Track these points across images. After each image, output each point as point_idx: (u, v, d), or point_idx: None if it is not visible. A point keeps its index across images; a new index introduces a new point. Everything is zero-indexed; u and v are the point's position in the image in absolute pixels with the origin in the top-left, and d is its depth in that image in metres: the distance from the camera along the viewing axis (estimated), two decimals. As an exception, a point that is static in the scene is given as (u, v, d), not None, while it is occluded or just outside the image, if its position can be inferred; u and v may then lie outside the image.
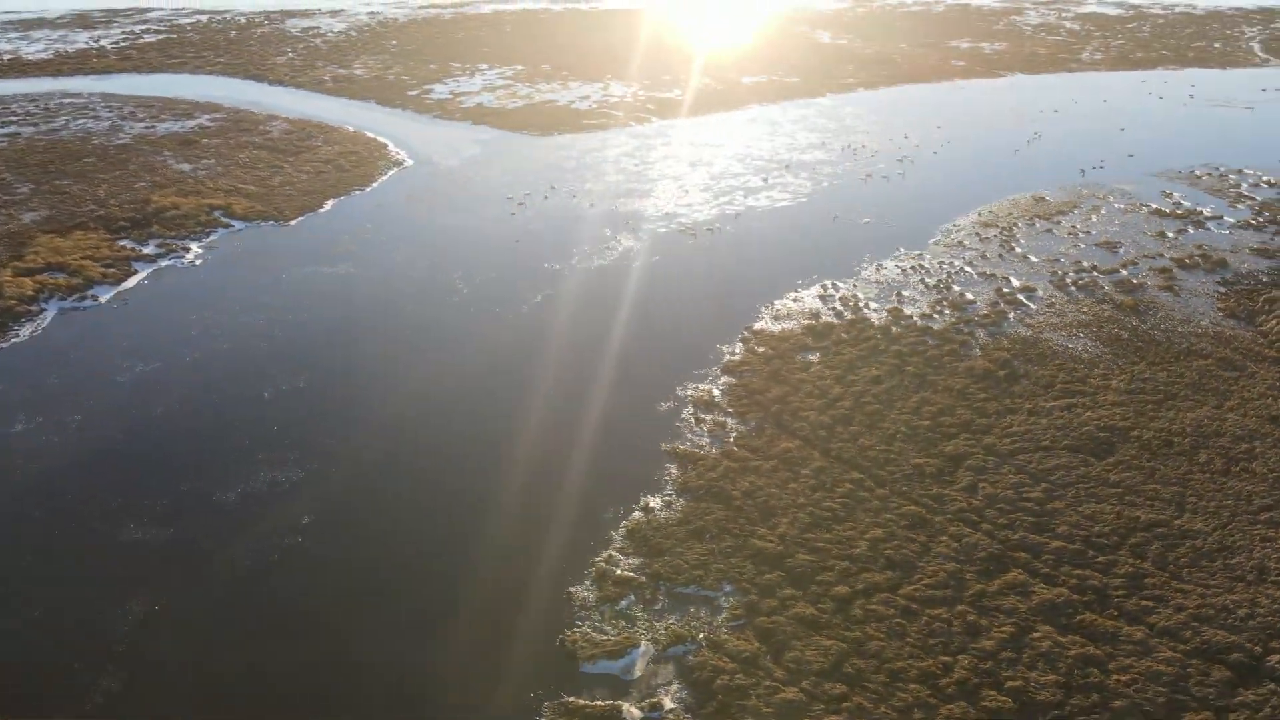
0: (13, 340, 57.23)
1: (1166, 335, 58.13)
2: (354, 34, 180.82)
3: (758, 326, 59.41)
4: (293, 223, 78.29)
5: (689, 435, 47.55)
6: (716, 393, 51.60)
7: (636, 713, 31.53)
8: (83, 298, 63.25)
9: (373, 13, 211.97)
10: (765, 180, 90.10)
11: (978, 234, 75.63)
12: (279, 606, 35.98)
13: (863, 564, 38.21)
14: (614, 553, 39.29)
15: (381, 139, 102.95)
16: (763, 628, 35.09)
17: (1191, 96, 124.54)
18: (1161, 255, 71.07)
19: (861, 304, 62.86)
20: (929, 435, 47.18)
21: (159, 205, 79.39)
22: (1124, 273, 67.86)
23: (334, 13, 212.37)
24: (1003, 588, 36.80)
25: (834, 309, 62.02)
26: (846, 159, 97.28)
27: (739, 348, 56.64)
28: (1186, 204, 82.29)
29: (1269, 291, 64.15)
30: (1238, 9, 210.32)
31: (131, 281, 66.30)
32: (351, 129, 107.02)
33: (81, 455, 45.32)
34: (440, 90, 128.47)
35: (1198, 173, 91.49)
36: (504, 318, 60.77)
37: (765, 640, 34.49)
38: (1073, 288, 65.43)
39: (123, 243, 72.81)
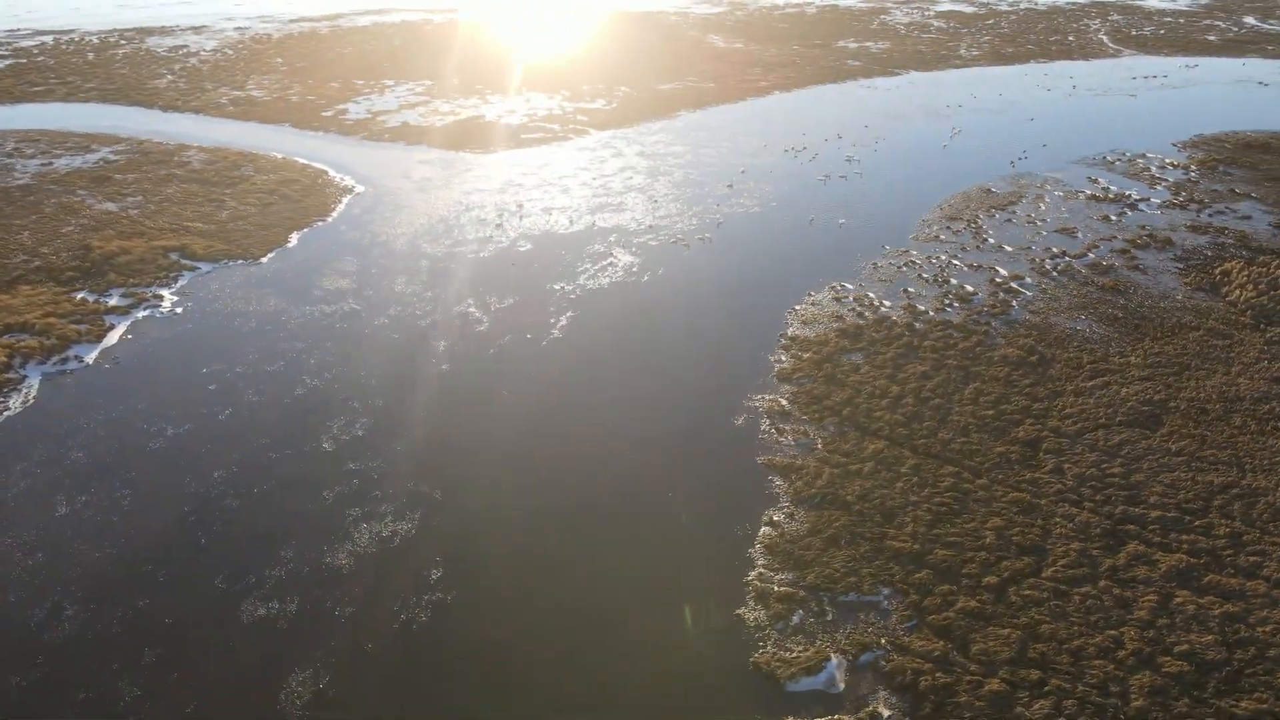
0: (4, 413, 51.37)
1: (1154, 312, 63.61)
2: (230, 52, 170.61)
3: (792, 333, 60.89)
4: (264, 260, 73.67)
5: (778, 446, 48.38)
6: (784, 402, 52.67)
7: (865, 725, 32.22)
8: (64, 359, 57.52)
9: (240, 28, 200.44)
10: (730, 187, 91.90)
11: (948, 227, 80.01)
12: (444, 667, 34.40)
13: (997, 553, 40.21)
14: (762, 569, 39.77)
15: (317, 165, 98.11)
16: (937, 625, 36.44)
17: (1074, 87, 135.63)
18: (1115, 237, 77.45)
19: (876, 303, 65.42)
20: (997, 424, 49.93)
21: (105, 251, 72.88)
22: (1091, 256, 73.55)
23: (197, 29, 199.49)
24: (1129, 560, 39.63)
25: (853, 310, 64.26)
26: (793, 161, 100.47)
27: (784, 355, 57.96)
28: (1114, 189, 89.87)
29: (1219, 264, 71.22)
30: (1074, 4, 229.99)
31: (113, 337, 60.79)
32: (279, 156, 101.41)
33: (156, 536, 41.57)
34: (355, 110, 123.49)
35: (1109, 159, 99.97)
36: (539, 344, 59.69)
37: (946, 637, 35.84)
38: (1054, 274, 70.39)
39: (80, 295, 66.55)
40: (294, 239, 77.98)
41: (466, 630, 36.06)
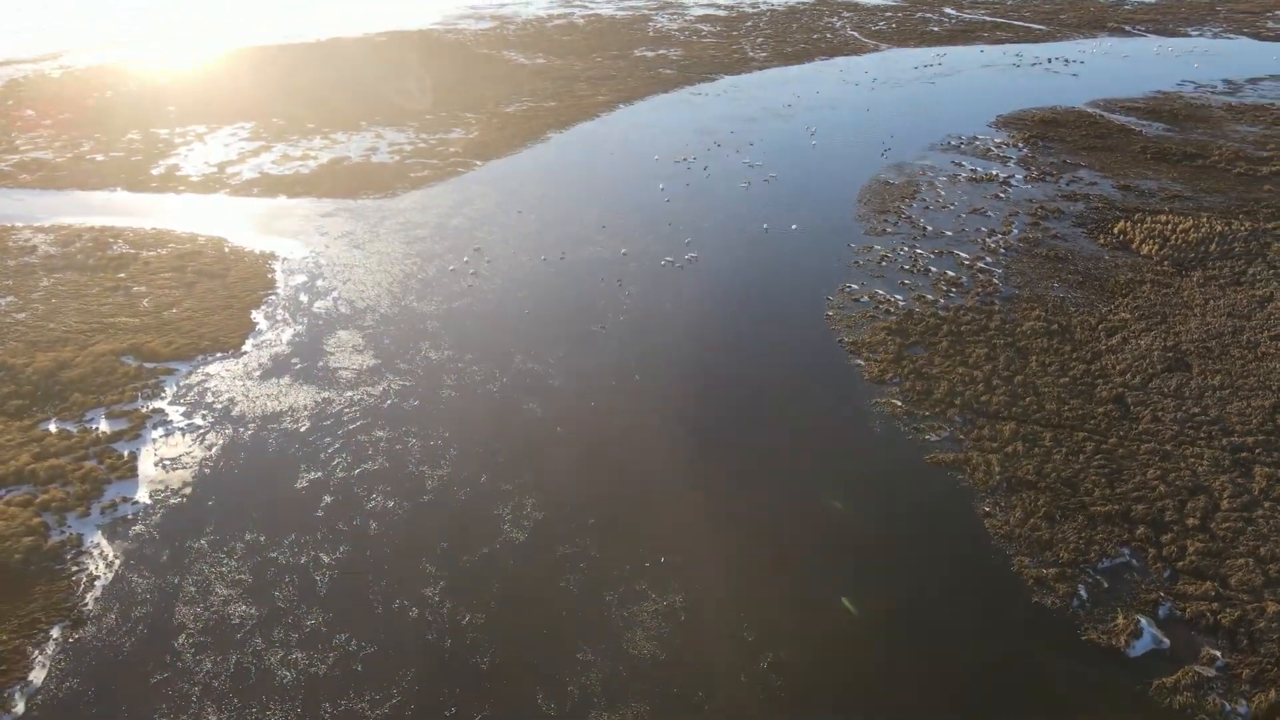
0: (88, 594, 42.35)
1: (1100, 271, 75.33)
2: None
3: (849, 339, 64.93)
4: (246, 348, 64.98)
5: (929, 445, 52.42)
6: (898, 403, 56.74)
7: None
8: (112, 506, 47.96)
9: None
10: (669, 201, 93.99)
11: (884, 220, 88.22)
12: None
13: (1177, 497, 47.22)
14: (1018, 558, 43.51)
15: (205, 233, 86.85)
16: (1188, 569, 42.41)
17: (874, 80, 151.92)
18: (1018, 213, 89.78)
19: (888, 298, 71.36)
20: (1078, 388, 57.54)
21: (39, 368, 60.55)
22: (1016, 232, 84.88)
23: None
24: (1268, 482, 48.18)
25: (878, 307, 69.73)
26: (699, 173, 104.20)
27: (859, 360, 62.00)
28: (980, 170, 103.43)
29: (1113, 225, 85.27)
30: (805, 3, 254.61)
31: (147, 468, 51.38)
32: (149, 227, 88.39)
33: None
34: (188, 163, 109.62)
35: (953, 143, 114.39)
36: (615, 405, 58.81)
37: (1204, 577, 41.86)
38: (1003, 251, 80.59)
39: (51, 426, 55.20)
40: (259, 319, 69.24)
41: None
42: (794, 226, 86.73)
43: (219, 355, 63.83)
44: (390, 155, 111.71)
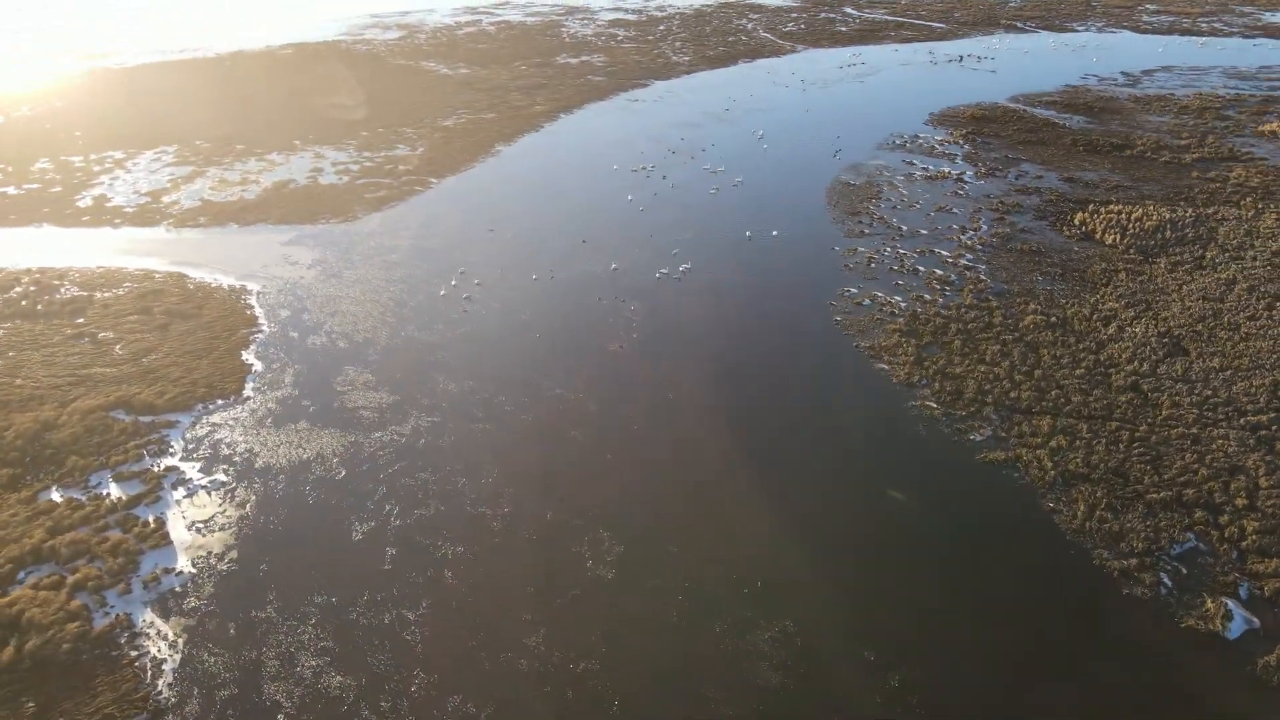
0: (159, 681, 39.02)
1: (1075, 262, 79.02)
2: None
3: (865, 344, 65.99)
4: (247, 393, 61.03)
5: (980, 445, 53.73)
6: (934, 404, 58.02)
7: None
8: (154, 579, 44.23)
9: None
10: (643, 210, 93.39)
11: (859, 221, 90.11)
12: None
13: (1220, 479, 49.88)
14: (1103, 555, 45.20)
15: (162, 269, 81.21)
16: (1252, 548, 44.93)
17: (802, 82, 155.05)
18: (981, 210, 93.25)
19: (889, 300, 72.86)
20: (1095, 378, 60.17)
21: (23, 430, 55.33)
22: (985, 228, 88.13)
23: None
24: (1290, 456, 51.51)
25: (881, 310, 71.07)
26: (659, 182, 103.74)
27: (882, 365, 63.03)
28: (931, 168, 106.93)
29: (1071, 216, 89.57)
30: (709, 5, 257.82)
31: (179, 533, 47.63)
32: (95, 266, 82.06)
33: None
34: (117, 193, 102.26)
35: (898, 142, 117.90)
36: (658, 427, 58.17)
37: (1270, 555, 44.45)
38: (979, 248, 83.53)
39: (51, 496, 50.50)
40: (252, 360, 65.13)
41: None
42: (775, 232, 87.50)
43: (220, 403, 59.66)
44: (338, 176, 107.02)
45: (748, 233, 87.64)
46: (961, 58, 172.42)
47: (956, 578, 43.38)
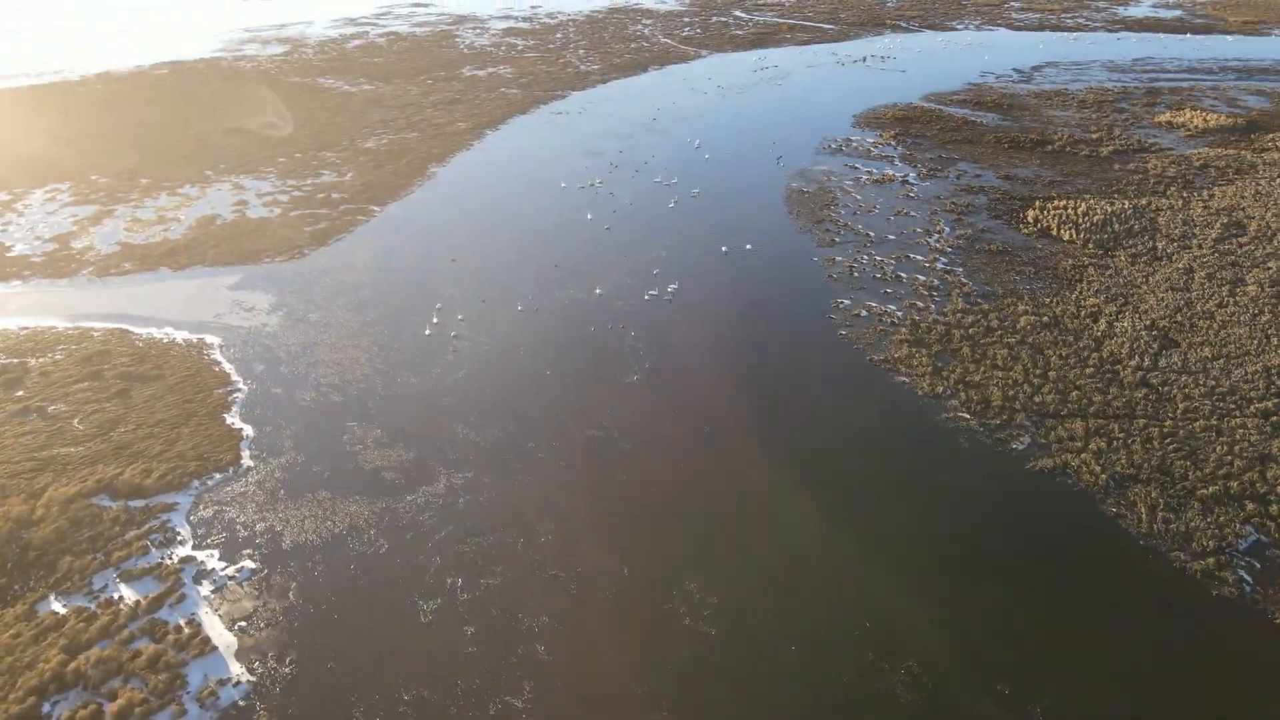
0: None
1: (1041, 259, 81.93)
2: None
3: (879, 356, 66.13)
4: (246, 462, 55.42)
5: (1023, 454, 54.50)
6: (965, 415, 58.61)
7: None
8: (209, 696, 39.20)
9: None
10: (608, 229, 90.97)
11: (825, 230, 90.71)
12: None
13: (1257, 469, 52.23)
14: (1146, 538, 46.47)
15: (99, 325, 73.28)
16: (1307, 534, 47.15)
17: (720, 87, 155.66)
18: (936, 212, 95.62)
19: (883, 309, 73.39)
20: (1105, 377, 62.26)
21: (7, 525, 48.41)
22: (947, 230, 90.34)
23: None
24: (1306, 439, 54.59)
25: (881, 321, 71.49)
26: (608, 199, 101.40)
27: (902, 377, 63.29)
28: (874, 171, 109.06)
29: (1020, 215, 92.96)
30: (598, 11, 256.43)
31: (218, 634, 42.62)
32: (15, 327, 73.20)
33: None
34: (15, 241, 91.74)
35: (834, 146, 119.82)
36: (708, 460, 56.46)
37: (1324, 539, 46.73)
38: (949, 250, 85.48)
39: (51, 607, 44.32)
40: (239, 424, 59.31)
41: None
42: (748, 246, 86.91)
43: (218, 476, 53.90)
44: (267, 208, 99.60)
45: (724, 248, 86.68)
46: (866, 59, 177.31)
47: (1054, 595, 43.51)
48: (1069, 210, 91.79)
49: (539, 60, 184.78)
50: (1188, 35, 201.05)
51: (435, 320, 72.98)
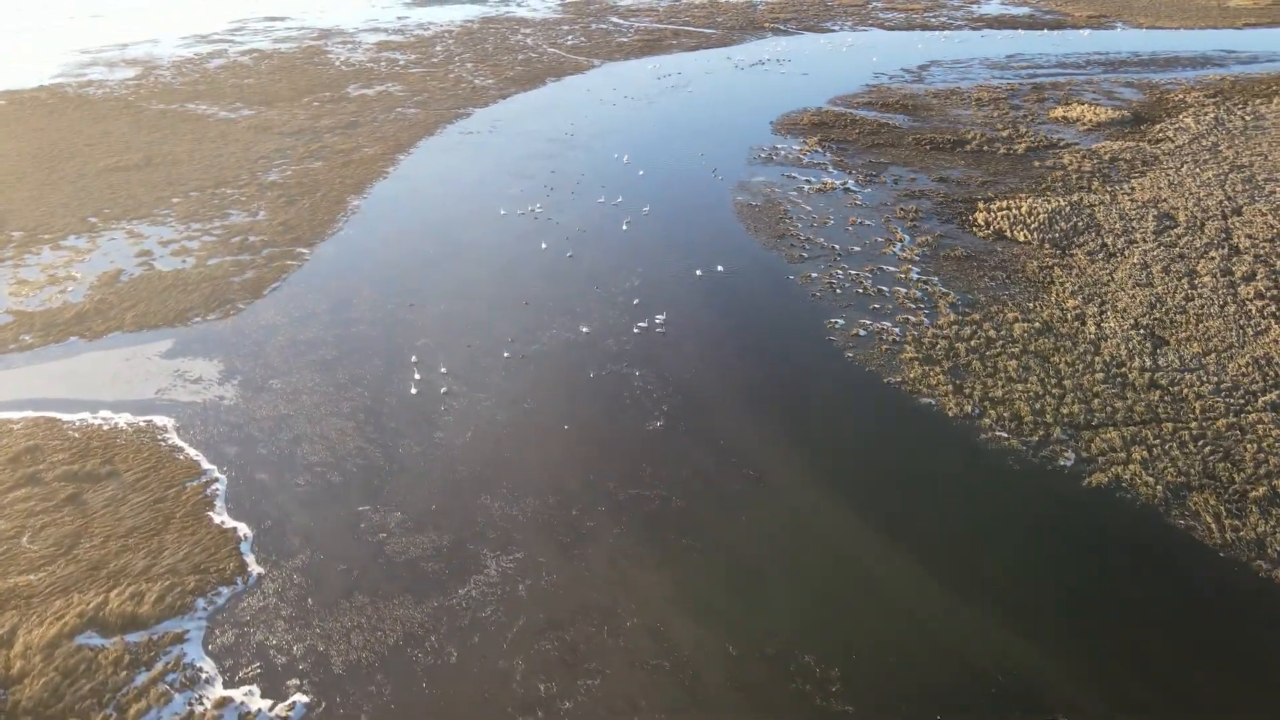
0: None
1: (1007, 263, 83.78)
2: None
3: (895, 379, 65.20)
4: (253, 568, 48.31)
5: (1069, 470, 54.68)
6: (1003, 434, 58.34)
7: None
8: None
9: None
10: (571, 256, 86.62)
11: (790, 245, 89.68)
12: None
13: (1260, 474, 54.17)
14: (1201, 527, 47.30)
15: (19, 415, 62.98)
16: None
17: (626, 98, 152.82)
18: (889, 219, 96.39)
19: (880, 328, 72.71)
20: (1116, 381, 63.68)
21: (-36, 700, 39.90)
22: (909, 239, 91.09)
23: None
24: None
25: (884, 338, 70.76)
26: (549, 226, 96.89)
27: (926, 400, 62.59)
28: (814, 180, 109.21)
29: (969, 217, 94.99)
30: (470, 20, 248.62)
31: (302, 796, 36.24)
32: (-93, 425, 61.97)
33: None
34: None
35: (762, 155, 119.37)
36: (767, 513, 53.71)
37: None
38: (917, 259, 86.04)
39: (71, 786, 36.70)
40: (227, 521, 51.84)
41: None
42: (720, 267, 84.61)
43: (226, 591, 46.69)
44: (179, 258, 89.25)
45: (697, 271, 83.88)
46: (764, 63, 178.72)
47: (1170, 621, 43.13)
48: (1013, 210, 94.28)
49: (428, 76, 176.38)
50: (1044, 31, 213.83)
51: (417, 375, 66.70)
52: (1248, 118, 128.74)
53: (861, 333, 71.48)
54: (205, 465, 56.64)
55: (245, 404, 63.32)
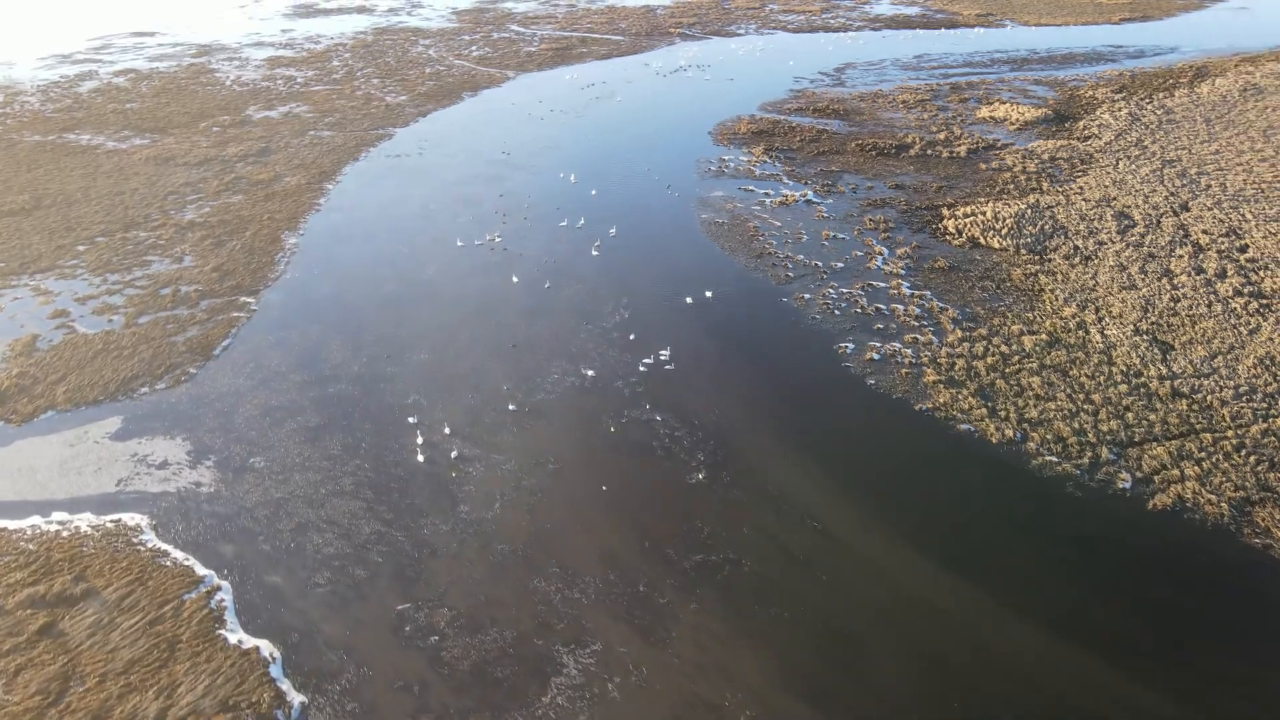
0: None
1: (993, 272, 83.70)
2: None
3: (930, 405, 63.41)
4: (293, 698, 41.82)
5: (1131, 493, 53.93)
6: (1053, 458, 57.26)
7: None
8: None
9: None
10: (547, 285, 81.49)
11: (772, 265, 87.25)
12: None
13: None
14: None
15: (-56, 526, 53.62)
16: None
17: (552, 111, 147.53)
18: (859, 231, 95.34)
19: (885, 347, 70.98)
20: (1138, 390, 63.81)
21: None
22: (886, 251, 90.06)
23: None
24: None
25: (890, 358, 69.03)
26: (513, 259, 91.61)
27: (968, 425, 61.01)
28: (772, 193, 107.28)
29: (938, 225, 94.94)
30: (371, 30, 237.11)
31: None
32: None
33: None
34: None
35: (712, 169, 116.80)
36: (835, 566, 50.71)
37: None
38: (904, 273, 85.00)
39: None
40: (245, 639, 44.96)
41: None
42: (708, 293, 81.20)
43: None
44: (102, 317, 79.19)
45: (688, 299, 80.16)
46: (687, 69, 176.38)
47: (1255, 647, 42.20)
48: (979, 216, 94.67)
49: (333, 94, 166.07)
50: (941, 30, 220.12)
51: (419, 441, 60.43)
52: (1159, 112, 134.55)
53: (875, 356, 69.42)
54: (201, 571, 49.10)
55: (229, 490, 55.67)
